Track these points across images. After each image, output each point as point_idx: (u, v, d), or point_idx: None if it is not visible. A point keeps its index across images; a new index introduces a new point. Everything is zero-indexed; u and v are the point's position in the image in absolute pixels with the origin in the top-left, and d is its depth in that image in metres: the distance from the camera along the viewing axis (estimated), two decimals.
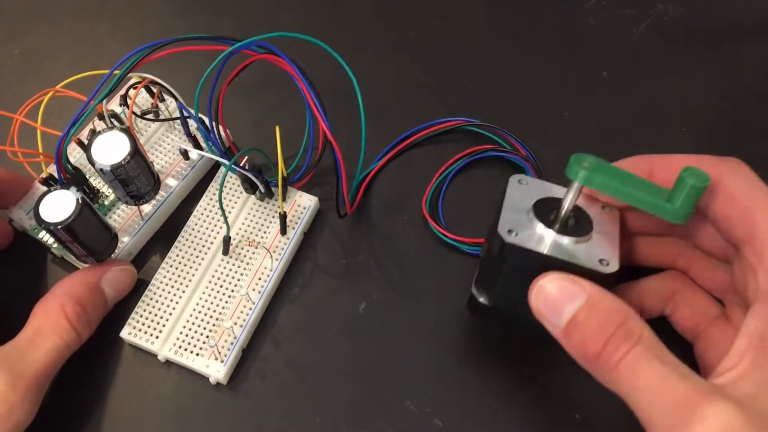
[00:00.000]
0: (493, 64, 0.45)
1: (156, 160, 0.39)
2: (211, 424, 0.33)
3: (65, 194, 0.31)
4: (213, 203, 0.38)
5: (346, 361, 0.34)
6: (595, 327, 0.25)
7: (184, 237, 0.37)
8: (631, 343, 0.24)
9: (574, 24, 0.47)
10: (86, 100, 0.31)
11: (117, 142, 0.32)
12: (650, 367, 0.24)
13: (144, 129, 0.40)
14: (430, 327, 0.35)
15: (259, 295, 0.35)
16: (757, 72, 0.44)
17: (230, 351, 0.33)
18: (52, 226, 0.30)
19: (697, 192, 0.25)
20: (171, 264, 0.36)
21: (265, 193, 0.37)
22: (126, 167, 0.32)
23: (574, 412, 0.33)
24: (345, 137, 0.34)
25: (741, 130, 0.42)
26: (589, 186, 0.26)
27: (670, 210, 0.26)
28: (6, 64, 0.45)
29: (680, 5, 0.47)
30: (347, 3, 0.48)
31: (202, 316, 0.34)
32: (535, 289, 0.26)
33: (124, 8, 0.48)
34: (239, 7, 0.48)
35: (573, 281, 0.26)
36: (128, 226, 0.37)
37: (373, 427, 0.32)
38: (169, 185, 0.38)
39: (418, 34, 0.46)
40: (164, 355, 0.34)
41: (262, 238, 0.36)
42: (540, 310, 0.26)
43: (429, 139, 0.41)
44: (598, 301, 0.25)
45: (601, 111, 0.43)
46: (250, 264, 0.36)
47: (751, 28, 0.46)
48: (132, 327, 0.34)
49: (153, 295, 0.35)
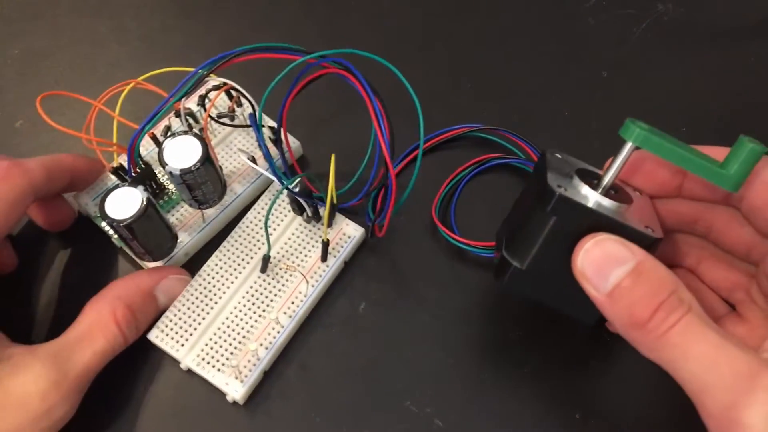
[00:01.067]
0: (492, 64, 0.45)
1: (225, 163, 0.39)
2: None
3: (133, 192, 0.31)
4: (260, 218, 0.37)
5: (346, 361, 0.34)
6: (645, 293, 0.24)
7: (226, 248, 0.36)
8: (682, 311, 0.23)
9: (574, 24, 0.47)
10: (166, 97, 0.31)
11: (190, 147, 0.33)
12: (705, 336, 0.23)
13: (218, 130, 0.40)
14: (430, 327, 0.35)
15: (289, 320, 0.34)
16: (757, 72, 0.44)
17: (251, 373, 0.33)
18: (115, 222, 0.31)
19: (755, 156, 0.25)
20: (208, 273, 0.35)
21: (312, 217, 0.37)
22: (194, 174, 0.33)
23: (574, 412, 0.33)
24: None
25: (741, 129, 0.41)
26: (646, 147, 0.25)
27: (726, 175, 0.25)
28: (6, 64, 0.45)
29: (680, 5, 0.47)
30: (344, 7, 0.48)
31: (229, 332, 0.34)
32: (583, 249, 0.25)
33: (124, 8, 0.48)
34: (239, 7, 0.48)
35: (623, 244, 0.25)
36: (189, 227, 0.37)
37: (373, 427, 0.32)
38: (235, 191, 0.38)
39: (417, 34, 0.46)
40: (187, 365, 0.33)
41: (302, 261, 0.36)
42: (585, 272, 0.25)
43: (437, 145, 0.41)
44: (650, 267, 0.24)
45: (601, 111, 0.43)
46: (286, 286, 0.35)
47: (751, 28, 0.46)
48: (160, 330, 0.34)
49: (186, 302, 0.34)
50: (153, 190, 0.37)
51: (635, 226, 0.26)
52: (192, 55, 0.45)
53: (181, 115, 0.36)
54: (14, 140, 0.42)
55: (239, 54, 0.32)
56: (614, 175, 0.27)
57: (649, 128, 0.26)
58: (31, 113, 0.43)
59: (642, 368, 0.33)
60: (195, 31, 0.47)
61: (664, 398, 0.33)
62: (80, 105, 0.35)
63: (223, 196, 0.36)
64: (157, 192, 0.37)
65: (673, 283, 0.24)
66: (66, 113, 0.40)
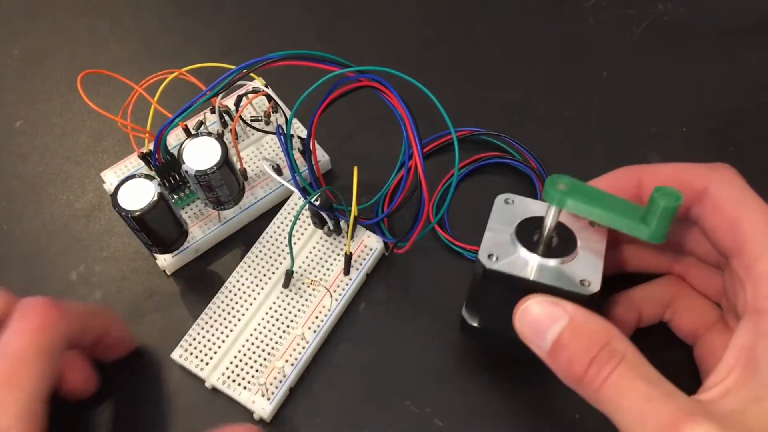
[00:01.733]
0: (492, 64, 0.45)
1: (251, 166, 0.39)
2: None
3: (146, 185, 0.32)
4: (281, 230, 0.37)
5: (346, 361, 0.34)
6: (579, 349, 0.25)
7: (247, 263, 0.36)
8: (614, 363, 0.24)
9: (574, 24, 0.47)
10: (202, 92, 0.32)
11: (210, 149, 0.33)
12: (633, 388, 0.24)
13: (252, 131, 0.40)
14: (431, 327, 0.35)
15: (314, 335, 0.34)
16: (757, 72, 0.44)
17: (278, 390, 0.32)
18: (124, 212, 0.31)
19: (669, 212, 0.25)
20: (230, 290, 0.35)
21: (333, 230, 0.36)
22: (210, 176, 0.33)
23: (574, 412, 0.33)
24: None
25: (741, 130, 0.42)
26: (564, 209, 0.27)
27: (646, 231, 0.26)
28: (6, 64, 0.45)
29: (680, 5, 0.47)
30: (345, 7, 0.48)
31: (254, 349, 0.33)
32: (519, 312, 0.26)
33: (124, 8, 0.48)
34: (238, 7, 0.48)
35: (555, 303, 0.26)
36: (204, 223, 0.37)
37: (373, 427, 0.32)
38: (256, 195, 0.38)
39: (417, 35, 0.46)
40: (212, 384, 0.33)
41: (324, 275, 0.35)
42: (525, 334, 0.26)
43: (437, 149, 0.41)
44: (581, 322, 0.25)
45: (601, 111, 0.43)
46: (309, 301, 0.35)
47: (751, 28, 0.46)
48: (183, 349, 0.33)
49: (208, 320, 0.34)
50: (175, 182, 0.37)
51: (566, 286, 0.27)
52: (192, 55, 0.45)
53: (216, 111, 0.36)
54: (14, 140, 0.42)
55: (279, 59, 0.31)
56: (549, 231, 0.28)
57: (570, 186, 0.27)
58: (31, 113, 0.43)
59: None
60: (195, 31, 0.47)
61: None
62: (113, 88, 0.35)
63: (239, 200, 0.36)
64: (180, 184, 0.37)
65: (605, 336, 0.25)
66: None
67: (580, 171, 0.40)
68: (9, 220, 0.39)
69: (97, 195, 0.40)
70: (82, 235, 0.38)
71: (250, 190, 0.38)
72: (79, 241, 0.38)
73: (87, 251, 0.38)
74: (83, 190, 0.40)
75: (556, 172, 0.40)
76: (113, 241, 0.38)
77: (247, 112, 0.40)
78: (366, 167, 0.34)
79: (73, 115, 0.43)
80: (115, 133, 0.42)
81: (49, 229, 0.39)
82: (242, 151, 0.40)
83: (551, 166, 0.39)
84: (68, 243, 0.38)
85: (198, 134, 0.33)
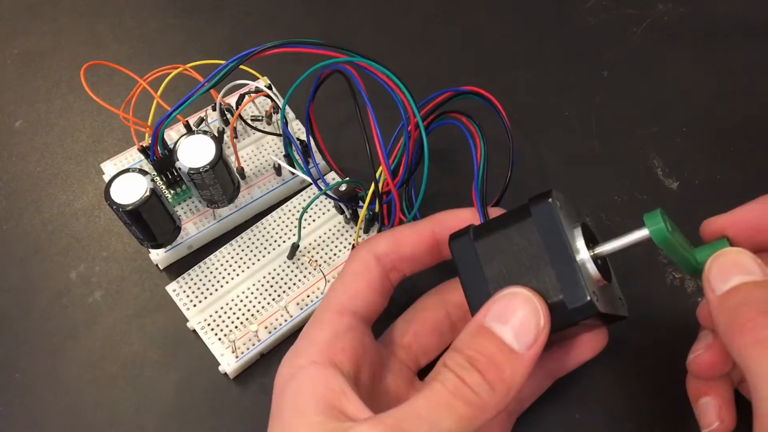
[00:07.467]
0: (492, 64, 0.45)
1: (250, 165, 0.39)
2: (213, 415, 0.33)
3: (139, 179, 0.32)
4: (299, 209, 0.38)
5: None
6: (756, 299, 0.24)
7: (263, 224, 0.37)
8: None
9: (574, 24, 0.47)
10: (198, 86, 0.32)
11: (205, 147, 0.33)
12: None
13: (253, 130, 0.40)
14: None
15: (300, 311, 0.35)
16: (757, 72, 0.44)
17: (249, 351, 0.33)
18: (115, 205, 0.31)
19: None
20: (239, 244, 0.36)
21: (351, 219, 0.37)
22: (202, 175, 0.33)
23: (574, 413, 0.33)
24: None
25: (741, 129, 0.42)
26: (658, 243, 0.26)
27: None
28: (6, 64, 0.45)
29: (680, 5, 0.47)
30: (345, 7, 0.48)
31: (240, 306, 0.35)
32: (719, 254, 0.26)
33: (124, 8, 0.48)
34: (239, 6, 0.48)
35: (755, 259, 0.26)
36: (198, 220, 0.37)
37: None
38: (252, 195, 0.38)
39: (417, 34, 0.46)
40: (192, 326, 0.34)
41: (329, 259, 0.36)
42: (711, 271, 0.26)
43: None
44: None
45: (601, 111, 0.43)
46: (306, 279, 0.36)
47: (751, 28, 0.46)
48: (179, 285, 0.35)
49: (210, 266, 0.36)
50: (173, 178, 0.37)
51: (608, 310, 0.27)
52: (193, 55, 0.45)
53: (217, 108, 0.37)
54: (14, 140, 0.42)
55: (273, 47, 0.32)
56: (613, 251, 0.28)
57: (671, 227, 0.27)
58: (31, 113, 0.43)
59: (643, 370, 0.34)
60: (195, 31, 0.47)
61: (664, 400, 0.33)
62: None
63: (233, 200, 0.36)
64: (177, 179, 0.37)
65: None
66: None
67: (581, 171, 0.41)
68: (8, 219, 0.39)
69: (97, 195, 0.40)
70: (81, 235, 0.38)
71: (246, 189, 0.38)
72: (78, 240, 0.38)
73: (87, 251, 0.38)
74: (83, 190, 0.40)
75: (555, 172, 0.40)
76: (113, 240, 0.38)
77: (249, 111, 0.40)
78: (365, 163, 0.34)
79: (73, 114, 0.43)
80: (115, 132, 0.42)
81: (48, 228, 0.39)
82: (242, 149, 0.39)
83: (551, 166, 0.39)
84: (68, 243, 0.38)
85: (195, 132, 0.34)
